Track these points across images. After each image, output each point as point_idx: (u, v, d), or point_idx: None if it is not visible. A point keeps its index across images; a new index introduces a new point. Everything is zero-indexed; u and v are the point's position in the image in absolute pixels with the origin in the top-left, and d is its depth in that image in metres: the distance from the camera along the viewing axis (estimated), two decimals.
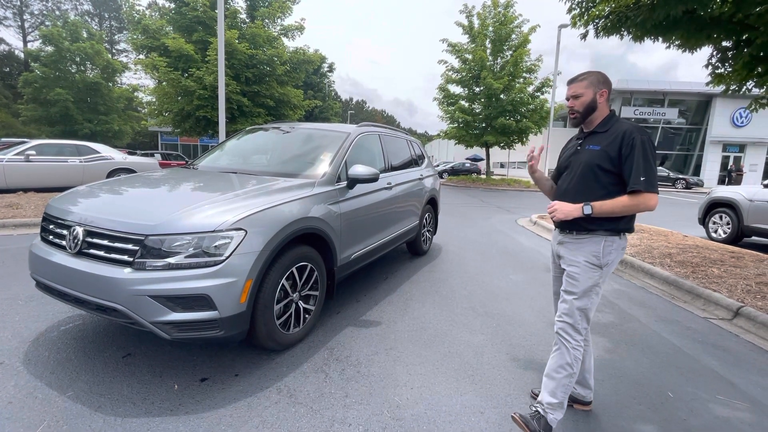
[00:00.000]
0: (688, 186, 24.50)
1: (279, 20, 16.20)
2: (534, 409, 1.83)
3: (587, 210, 1.73)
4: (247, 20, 16.14)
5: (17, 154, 8.45)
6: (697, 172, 29.35)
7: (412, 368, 2.38)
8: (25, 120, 23.49)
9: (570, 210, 1.78)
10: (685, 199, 16.92)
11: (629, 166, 1.70)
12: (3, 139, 15.18)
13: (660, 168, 27.11)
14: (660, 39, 4.73)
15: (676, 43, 4.74)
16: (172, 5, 15.38)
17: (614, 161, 1.74)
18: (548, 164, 18.79)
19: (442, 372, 2.36)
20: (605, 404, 2.13)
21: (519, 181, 21.07)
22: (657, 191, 1.69)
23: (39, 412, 1.83)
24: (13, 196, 7.62)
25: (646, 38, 4.68)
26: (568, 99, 1.89)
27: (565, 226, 1.88)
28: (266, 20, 15.79)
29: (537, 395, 2.08)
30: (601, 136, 1.82)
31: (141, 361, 2.30)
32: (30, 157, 8.51)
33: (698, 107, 29.65)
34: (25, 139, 10.21)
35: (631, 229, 1.82)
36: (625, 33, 4.68)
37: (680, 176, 25.47)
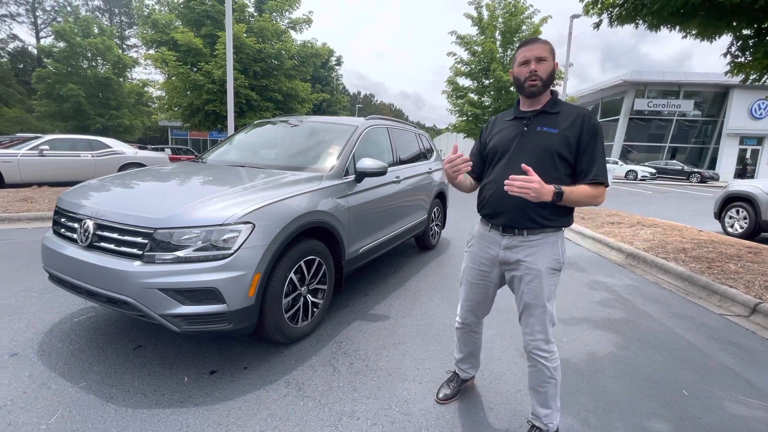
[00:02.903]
0: (703, 180, 23.99)
1: (287, 13, 16.17)
2: (531, 424, 1.75)
3: (559, 196, 1.47)
4: (255, 14, 16.13)
5: (31, 149, 8.63)
6: (712, 165, 28.63)
7: (420, 363, 2.37)
8: (39, 115, 23.86)
9: (544, 192, 1.43)
10: (699, 193, 16.56)
11: (590, 156, 1.53)
12: (17, 135, 15.46)
13: (673, 161, 26.64)
14: (677, 28, 4.57)
15: (694, 32, 4.59)
16: None
17: (572, 148, 1.55)
18: None
19: (451, 367, 2.34)
20: (618, 401, 2.09)
21: None
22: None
23: (53, 402, 1.86)
24: (27, 190, 7.77)
25: (662, 27, 4.54)
26: (527, 62, 1.57)
27: (514, 225, 1.62)
28: (274, 13, 15.77)
29: None
30: (554, 117, 1.59)
31: (152, 353, 2.32)
32: (44, 152, 8.68)
33: (715, 99, 28.83)
34: (39, 135, 10.39)
35: (571, 222, 1.66)
36: (641, 22, 4.54)
37: (695, 170, 24.94)
